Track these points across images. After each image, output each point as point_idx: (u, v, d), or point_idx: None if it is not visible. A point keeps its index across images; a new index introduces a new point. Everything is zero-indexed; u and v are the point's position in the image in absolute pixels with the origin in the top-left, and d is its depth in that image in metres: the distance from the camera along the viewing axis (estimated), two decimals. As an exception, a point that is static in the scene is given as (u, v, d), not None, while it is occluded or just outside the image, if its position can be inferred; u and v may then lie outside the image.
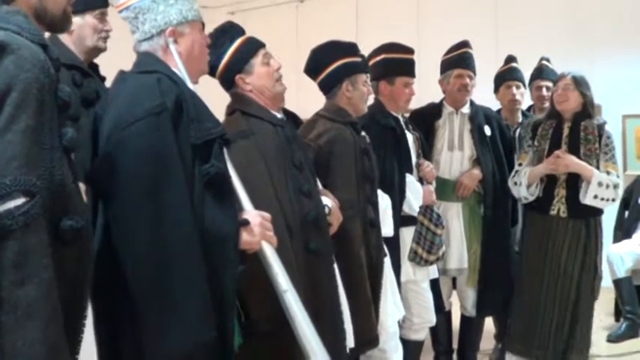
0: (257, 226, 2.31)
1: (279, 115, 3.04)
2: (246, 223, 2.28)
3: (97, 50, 2.81)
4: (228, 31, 3.03)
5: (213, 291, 2.15)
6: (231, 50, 2.96)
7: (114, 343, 2.17)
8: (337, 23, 8.39)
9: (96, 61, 2.93)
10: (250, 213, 2.34)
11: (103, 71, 2.92)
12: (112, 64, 2.53)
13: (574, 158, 4.09)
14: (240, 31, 3.04)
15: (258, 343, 2.62)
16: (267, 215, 2.40)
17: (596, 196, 4.08)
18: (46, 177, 1.67)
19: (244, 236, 2.26)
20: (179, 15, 2.36)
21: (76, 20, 2.69)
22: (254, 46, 3.01)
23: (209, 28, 3.00)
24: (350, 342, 3.12)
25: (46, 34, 1.91)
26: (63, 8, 1.92)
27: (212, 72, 2.98)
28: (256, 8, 9.40)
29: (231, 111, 2.98)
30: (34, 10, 1.84)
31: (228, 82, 3.01)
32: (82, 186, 1.97)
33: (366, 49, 4.23)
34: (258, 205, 2.56)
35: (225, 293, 2.21)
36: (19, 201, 1.60)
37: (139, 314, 2.05)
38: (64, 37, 2.68)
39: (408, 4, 8.22)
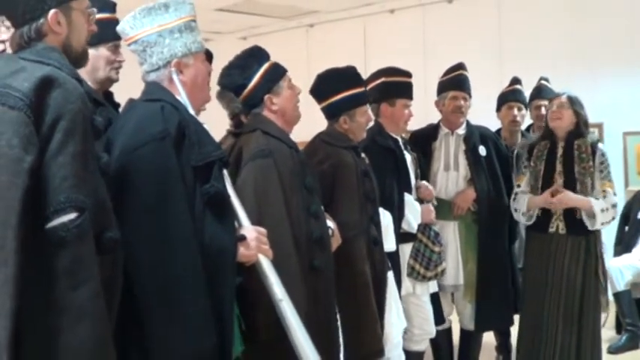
0: (253, 240, 2.48)
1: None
2: (243, 238, 2.46)
3: (109, 81, 2.93)
4: (256, 54, 3.21)
5: (212, 301, 2.32)
6: (260, 72, 3.14)
7: (122, 346, 2.33)
8: (346, 46, 8.61)
9: (112, 88, 3.09)
10: (247, 228, 2.51)
11: (118, 97, 3.09)
12: (127, 90, 2.72)
13: (570, 194, 4.18)
14: (267, 56, 3.22)
15: (259, 351, 2.77)
16: (263, 230, 2.57)
17: (603, 223, 4.18)
18: (91, 195, 1.90)
19: (241, 250, 2.44)
20: (184, 47, 2.55)
21: (90, 52, 2.77)
22: (281, 70, 3.21)
23: (222, 54, 3.22)
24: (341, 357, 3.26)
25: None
26: (83, 46, 2.17)
27: (237, 91, 3.19)
28: (268, 33, 9.64)
29: (251, 129, 3.14)
30: (62, 47, 2.07)
31: (253, 101, 3.18)
32: None
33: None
34: (270, 221, 2.78)
35: (224, 303, 2.38)
36: (72, 215, 1.82)
37: (144, 321, 2.22)
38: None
39: (414, 27, 8.40)
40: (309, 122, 3.80)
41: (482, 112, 5.28)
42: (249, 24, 9.59)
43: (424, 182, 4.40)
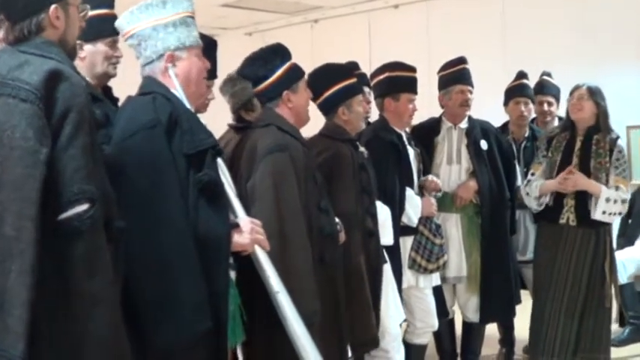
0: (248, 232, 2.52)
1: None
2: (236, 225, 2.51)
3: (107, 76, 2.94)
4: (281, 51, 3.25)
5: (208, 286, 2.37)
6: (284, 67, 3.19)
7: None
8: (351, 42, 8.59)
9: (112, 84, 3.13)
10: (243, 219, 2.55)
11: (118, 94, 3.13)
12: (127, 86, 2.77)
13: (583, 177, 4.19)
14: (289, 55, 3.27)
15: (259, 341, 2.83)
16: (258, 222, 2.61)
17: (604, 212, 4.17)
18: (99, 186, 1.96)
19: (235, 237, 2.48)
20: (177, 41, 2.59)
21: (88, 47, 2.86)
22: (301, 71, 3.27)
23: (227, 49, 3.25)
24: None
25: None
26: (75, 40, 2.23)
27: (257, 82, 3.22)
28: (273, 29, 9.65)
29: (264, 124, 3.17)
30: (59, 41, 2.12)
31: (271, 94, 3.21)
32: None
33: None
34: (287, 214, 2.86)
35: (219, 288, 2.43)
36: (85, 206, 1.88)
37: (138, 306, 2.27)
38: (76, 64, 2.88)
39: (419, 22, 8.39)
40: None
41: (488, 106, 5.28)
42: (254, 20, 9.61)
43: (430, 175, 4.42)
